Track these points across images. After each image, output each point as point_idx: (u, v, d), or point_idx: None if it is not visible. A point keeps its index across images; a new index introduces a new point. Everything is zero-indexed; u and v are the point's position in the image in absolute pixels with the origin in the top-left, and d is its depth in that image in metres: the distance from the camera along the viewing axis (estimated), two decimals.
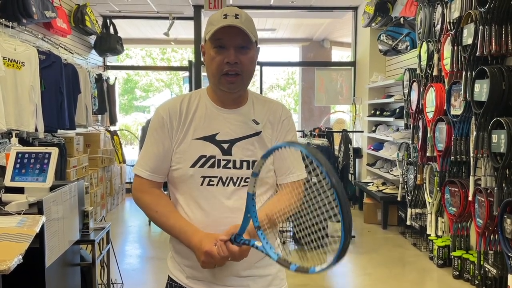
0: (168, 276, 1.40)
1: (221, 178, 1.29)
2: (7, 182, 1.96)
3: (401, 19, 4.90)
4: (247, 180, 1.30)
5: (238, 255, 1.17)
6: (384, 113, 5.74)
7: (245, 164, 1.30)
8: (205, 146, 1.30)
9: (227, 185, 1.29)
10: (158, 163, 1.33)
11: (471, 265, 3.47)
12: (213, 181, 1.29)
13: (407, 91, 4.60)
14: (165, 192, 1.39)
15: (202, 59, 1.35)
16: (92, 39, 6.32)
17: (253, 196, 1.11)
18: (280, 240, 1.46)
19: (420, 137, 4.22)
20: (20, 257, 1.37)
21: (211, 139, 1.30)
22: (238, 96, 1.34)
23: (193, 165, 1.29)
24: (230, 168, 1.29)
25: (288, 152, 1.36)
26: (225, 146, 1.30)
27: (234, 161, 1.30)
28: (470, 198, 3.37)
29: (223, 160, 1.29)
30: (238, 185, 1.30)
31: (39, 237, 1.73)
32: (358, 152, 6.37)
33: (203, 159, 1.29)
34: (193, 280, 1.33)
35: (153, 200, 1.33)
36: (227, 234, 1.17)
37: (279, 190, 1.37)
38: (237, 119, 1.33)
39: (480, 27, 3.11)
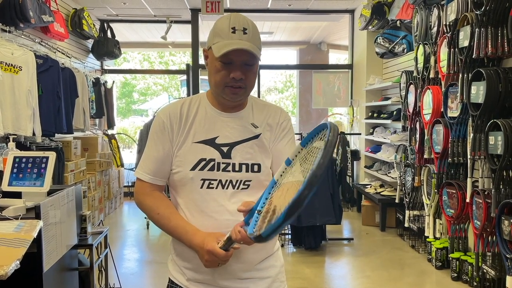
0: (169, 278, 1.41)
1: (220, 181, 1.30)
2: (5, 186, 1.95)
3: (398, 22, 4.92)
4: (246, 182, 1.31)
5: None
6: (382, 115, 5.75)
7: (244, 167, 1.31)
8: (205, 149, 1.31)
9: (227, 188, 1.30)
10: (159, 166, 1.34)
11: (470, 266, 3.47)
12: (212, 184, 1.30)
13: (404, 93, 4.62)
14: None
15: (204, 63, 1.35)
16: (90, 43, 6.32)
17: (275, 183, 1.11)
18: (279, 242, 1.46)
19: (418, 139, 4.23)
20: (18, 262, 1.36)
21: (211, 142, 1.32)
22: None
23: (193, 168, 1.30)
24: (229, 171, 1.30)
25: (285, 151, 1.37)
26: (225, 149, 1.31)
27: (234, 164, 1.31)
28: (467, 200, 3.37)
29: (223, 163, 1.30)
30: (238, 188, 1.31)
31: (37, 242, 1.73)
32: (355, 155, 6.38)
33: (203, 162, 1.30)
34: (193, 283, 1.34)
35: (155, 203, 1.34)
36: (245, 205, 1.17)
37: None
38: (237, 123, 1.34)
39: (476, 29, 3.12)
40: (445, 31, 3.71)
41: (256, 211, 1.11)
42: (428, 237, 4.10)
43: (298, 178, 1.04)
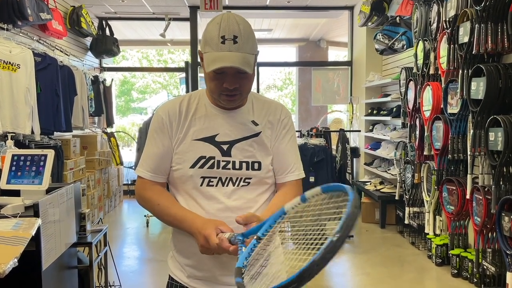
0: (169, 275, 1.42)
1: (220, 178, 1.30)
2: (3, 185, 1.94)
3: (397, 18, 4.91)
4: (246, 180, 1.31)
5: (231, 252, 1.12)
6: (381, 112, 5.74)
7: (244, 165, 1.31)
8: (205, 147, 1.31)
9: (227, 185, 1.30)
10: (159, 164, 1.34)
11: (470, 263, 3.47)
12: (212, 181, 1.30)
13: (404, 90, 4.61)
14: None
15: (200, 63, 1.34)
16: (88, 41, 6.30)
17: (284, 213, 1.03)
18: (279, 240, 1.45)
19: (417, 135, 4.22)
20: (16, 260, 1.35)
21: (210, 140, 1.31)
22: None
23: (193, 166, 1.30)
24: (229, 169, 1.30)
25: (287, 149, 1.37)
26: (225, 147, 1.31)
27: (234, 162, 1.30)
28: (467, 196, 3.37)
29: (223, 161, 1.30)
30: (238, 185, 1.31)
31: (36, 240, 1.72)
32: (355, 152, 6.37)
33: (203, 160, 1.30)
34: (193, 280, 1.34)
35: (154, 195, 1.33)
36: (244, 219, 1.14)
37: (279, 190, 1.38)
38: (236, 120, 1.33)
39: (476, 25, 3.11)
40: (445, 27, 3.70)
41: (256, 236, 1.05)
42: (428, 234, 4.10)
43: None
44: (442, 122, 3.71)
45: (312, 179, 4.31)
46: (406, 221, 4.50)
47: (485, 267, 3.21)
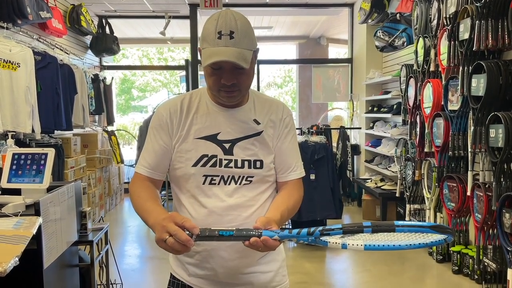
0: (171, 274, 1.42)
1: (222, 177, 1.30)
2: (4, 183, 1.94)
3: (397, 15, 4.90)
4: (249, 178, 1.32)
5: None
6: (382, 109, 5.74)
7: (246, 163, 1.31)
8: (207, 145, 1.31)
9: (229, 184, 1.30)
10: (157, 161, 1.33)
11: (470, 260, 3.47)
12: (214, 180, 1.30)
13: (404, 87, 4.60)
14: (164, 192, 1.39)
15: (200, 59, 1.34)
16: (88, 39, 6.30)
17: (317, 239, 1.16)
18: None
19: (418, 133, 4.22)
20: (17, 259, 1.35)
21: (212, 138, 1.31)
22: None
23: (195, 164, 1.30)
24: (232, 167, 1.30)
25: (289, 149, 1.37)
26: (227, 146, 1.31)
27: (236, 161, 1.30)
28: (468, 193, 3.37)
29: (225, 159, 1.30)
30: (240, 183, 1.31)
31: (37, 238, 1.72)
32: (356, 149, 6.37)
33: (205, 159, 1.30)
34: (195, 278, 1.35)
35: (139, 188, 1.32)
36: (261, 224, 1.13)
37: (281, 189, 1.38)
38: (238, 119, 1.33)
39: (477, 21, 3.11)
40: (445, 23, 3.69)
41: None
42: None
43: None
44: (443, 119, 3.71)
45: (312, 176, 4.31)
46: (407, 218, 4.50)
47: (486, 263, 3.21)
